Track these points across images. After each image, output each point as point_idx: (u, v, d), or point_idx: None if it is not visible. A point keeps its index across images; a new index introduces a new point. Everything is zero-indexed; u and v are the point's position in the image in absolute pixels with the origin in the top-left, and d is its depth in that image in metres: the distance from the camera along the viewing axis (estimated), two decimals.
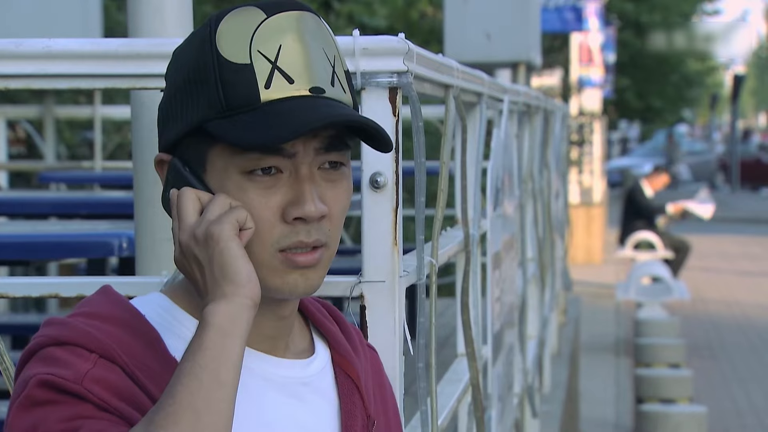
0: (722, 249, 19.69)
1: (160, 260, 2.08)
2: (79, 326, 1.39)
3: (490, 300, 3.47)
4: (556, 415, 5.90)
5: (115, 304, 1.44)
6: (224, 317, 1.33)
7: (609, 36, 23.08)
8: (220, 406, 1.29)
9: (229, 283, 1.34)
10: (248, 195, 1.39)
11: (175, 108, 1.42)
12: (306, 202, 1.39)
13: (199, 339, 1.32)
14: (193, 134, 1.41)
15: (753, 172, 37.92)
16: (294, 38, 1.40)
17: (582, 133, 17.11)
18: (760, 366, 10.98)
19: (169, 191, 1.42)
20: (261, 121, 1.37)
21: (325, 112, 1.38)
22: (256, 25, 1.40)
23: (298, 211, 1.39)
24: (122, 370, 1.37)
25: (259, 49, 1.39)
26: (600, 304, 13.16)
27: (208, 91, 1.39)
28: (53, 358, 1.38)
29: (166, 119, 1.44)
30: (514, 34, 7.54)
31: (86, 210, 4.28)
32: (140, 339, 1.40)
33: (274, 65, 1.39)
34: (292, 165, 1.40)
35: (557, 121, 7.23)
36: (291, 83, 1.39)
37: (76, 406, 1.34)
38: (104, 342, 1.38)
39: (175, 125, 1.42)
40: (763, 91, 68.20)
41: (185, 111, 1.41)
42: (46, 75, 1.99)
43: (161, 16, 2.12)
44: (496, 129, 3.70)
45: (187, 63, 1.42)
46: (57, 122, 7.18)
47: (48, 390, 1.35)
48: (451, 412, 2.76)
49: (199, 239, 1.37)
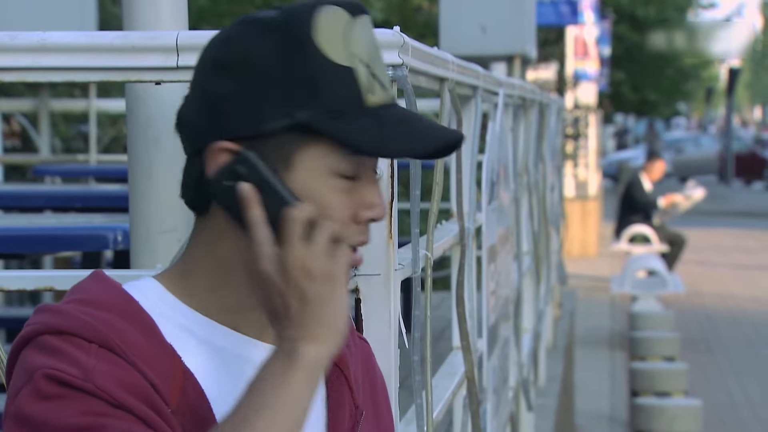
0: (717, 242, 19.71)
1: (154, 253, 2.08)
2: (75, 314, 1.38)
3: (486, 293, 3.47)
4: (551, 408, 5.91)
5: (108, 289, 1.42)
6: (314, 362, 1.34)
7: (604, 29, 23.09)
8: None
9: (329, 329, 1.34)
10: (334, 195, 1.38)
11: (253, 101, 1.38)
12: (379, 205, 1.41)
13: (285, 375, 1.32)
14: (284, 130, 1.37)
15: (748, 165, 37.95)
16: (375, 43, 1.42)
17: (577, 127, 17.11)
18: (755, 359, 11.00)
19: (238, 185, 1.37)
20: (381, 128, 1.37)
21: (444, 134, 1.41)
22: (348, 27, 1.39)
23: (372, 213, 1.41)
24: (122, 359, 1.36)
25: (354, 52, 1.39)
26: (595, 298, 13.18)
27: (311, 89, 1.37)
28: (52, 348, 1.36)
29: (232, 110, 1.38)
30: (510, 28, 7.54)
31: (81, 203, 4.28)
32: (135, 325, 1.39)
33: (370, 70, 1.39)
34: (370, 168, 1.42)
35: (552, 115, 7.23)
36: (383, 89, 1.40)
37: (88, 401, 1.33)
38: (101, 331, 1.37)
39: (252, 118, 1.37)
40: (758, 85, 68.25)
41: (275, 106, 1.37)
42: (41, 68, 1.99)
43: (156, 8, 2.11)
44: (491, 122, 3.70)
45: (268, 55, 1.38)
46: (52, 115, 7.17)
47: (56, 384, 1.34)
48: (446, 405, 2.77)
49: (313, 276, 1.34)
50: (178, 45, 1.95)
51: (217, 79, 1.40)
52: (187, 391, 1.39)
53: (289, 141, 1.38)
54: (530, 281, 5.61)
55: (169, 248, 2.07)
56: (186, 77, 1.99)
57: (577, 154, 17.35)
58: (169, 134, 2.12)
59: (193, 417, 1.38)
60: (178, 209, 2.11)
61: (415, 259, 2.32)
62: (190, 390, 1.39)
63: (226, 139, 1.38)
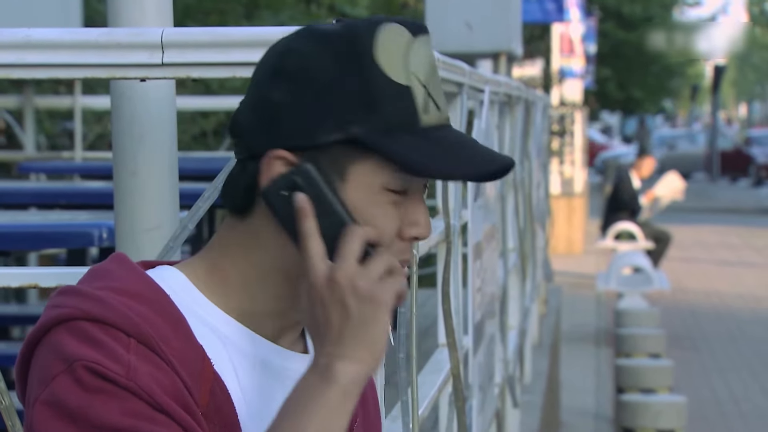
0: (701, 239, 19.76)
1: (140, 251, 2.08)
2: (115, 305, 1.35)
3: (471, 290, 3.47)
4: (537, 404, 5.92)
5: (138, 278, 1.40)
6: (353, 381, 1.34)
7: (590, 27, 23.13)
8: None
9: (368, 351, 1.34)
10: (383, 210, 1.39)
11: (308, 112, 1.39)
12: (425, 224, 1.42)
13: (323, 394, 1.33)
14: (339, 143, 1.38)
15: (733, 162, 38.06)
16: (434, 65, 1.43)
17: (563, 124, 17.14)
18: (739, 356, 11.03)
19: (295, 195, 1.38)
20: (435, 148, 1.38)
21: (494, 158, 1.41)
22: (408, 46, 1.40)
23: (417, 231, 1.41)
24: (159, 358, 1.34)
25: (412, 71, 1.40)
26: (581, 295, 13.20)
27: (368, 104, 1.37)
28: (91, 338, 1.33)
29: (287, 119, 1.39)
30: (495, 25, 7.54)
31: (66, 200, 4.26)
32: (167, 320, 1.37)
33: (427, 90, 1.40)
34: (420, 186, 1.42)
35: (538, 112, 7.24)
36: (438, 110, 1.41)
37: (130, 400, 1.31)
38: (141, 326, 1.35)
39: (307, 129, 1.38)
40: (743, 82, 68.44)
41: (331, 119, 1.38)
42: (25, 65, 1.98)
43: (141, 5, 2.11)
44: (477, 119, 3.70)
45: (327, 68, 1.38)
46: (37, 112, 7.14)
47: (97, 377, 1.32)
48: (431, 401, 2.77)
49: (360, 294, 1.35)
50: (163, 42, 1.95)
51: (275, 87, 1.40)
52: (216, 393, 1.38)
53: (342, 155, 1.39)
54: (516, 278, 5.61)
55: (154, 245, 2.07)
56: (171, 74, 1.99)
57: (563, 151, 17.38)
58: (154, 131, 2.11)
59: (220, 420, 1.37)
60: (163, 207, 2.11)
61: None
62: (219, 392, 1.38)
63: (280, 148, 1.39)
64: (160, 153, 2.10)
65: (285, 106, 1.40)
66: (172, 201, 2.12)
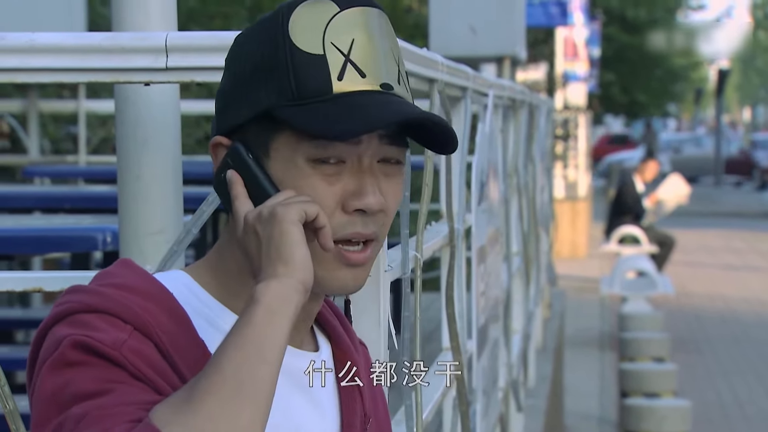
0: (706, 243, 19.75)
1: (144, 254, 2.08)
2: (113, 296, 1.37)
3: (475, 294, 3.47)
4: (541, 409, 5.92)
5: (141, 277, 1.42)
6: (274, 297, 1.32)
7: (594, 30, 23.12)
8: (263, 383, 1.29)
9: (283, 264, 1.34)
10: (312, 182, 1.39)
11: (240, 94, 1.42)
12: (368, 194, 1.40)
13: (248, 315, 1.32)
14: (259, 120, 1.41)
15: (738, 167, 38.01)
16: (366, 34, 1.42)
17: (567, 128, 17.13)
18: (744, 359, 11.02)
19: (227, 173, 1.42)
20: (336, 111, 1.38)
21: (398, 109, 1.40)
22: (330, 17, 1.41)
23: (359, 203, 1.40)
24: (156, 346, 1.35)
25: (332, 41, 1.40)
26: (585, 299, 13.19)
27: (279, 78, 1.40)
28: (87, 323, 1.35)
29: (227, 105, 1.44)
30: (499, 29, 7.54)
31: (70, 204, 4.27)
32: (170, 316, 1.39)
33: (347, 58, 1.40)
34: (356, 156, 1.40)
35: (542, 116, 7.24)
36: (363, 77, 1.40)
37: (111, 370, 1.32)
38: (141, 315, 1.36)
39: (238, 111, 1.42)
40: (747, 86, 68.38)
41: (252, 97, 1.41)
42: (29, 69, 1.98)
43: (145, 9, 2.11)
44: (480, 123, 3.70)
45: (254, 51, 1.42)
46: (41, 116, 7.15)
47: (83, 352, 1.33)
48: (435, 406, 2.77)
49: (263, 217, 1.37)
50: (167, 46, 1.95)
51: (222, 78, 1.46)
52: None
53: (264, 131, 1.41)
54: (520, 282, 5.61)
55: (158, 249, 2.07)
56: (175, 78, 1.99)
57: (566, 155, 17.37)
58: (158, 135, 2.11)
59: None
60: (167, 210, 2.11)
61: (404, 260, 2.32)
62: None
63: (220, 134, 1.44)
64: (164, 157, 2.10)
65: (224, 93, 1.45)
66: (176, 205, 2.12)
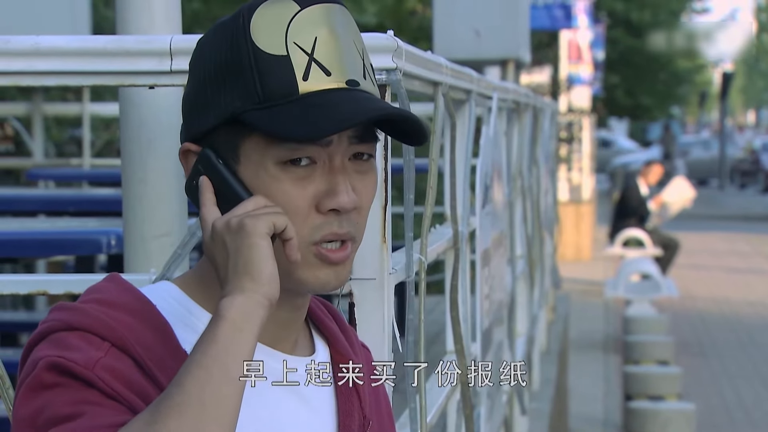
0: (711, 246, 19.72)
1: (148, 257, 2.08)
2: (92, 312, 1.37)
3: (479, 297, 3.47)
4: (545, 412, 5.91)
5: (125, 291, 1.42)
6: (238, 312, 1.31)
7: (598, 33, 23.11)
8: (228, 401, 1.27)
9: (250, 279, 1.32)
10: (283, 185, 1.38)
11: (205, 99, 1.41)
12: (341, 193, 1.39)
13: (212, 332, 1.30)
14: (227, 125, 1.39)
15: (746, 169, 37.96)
16: (328, 31, 1.40)
17: (571, 131, 17.13)
18: (749, 362, 11.01)
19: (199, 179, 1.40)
20: (303, 112, 1.36)
21: (366, 106, 1.38)
22: (291, 17, 1.39)
23: (332, 202, 1.39)
24: (134, 361, 1.35)
25: (295, 41, 1.39)
26: (589, 302, 13.18)
27: (244, 82, 1.38)
28: (64, 342, 1.35)
29: (193, 110, 1.42)
30: (504, 32, 7.54)
31: (74, 207, 4.27)
32: (152, 329, 1.38)
33: (311, 57, 1.38)
34: (327, 155, 1.39)
35: (546, 119, 7.24)
36: (328, 75, 1.39)
37: (84, 391, 1.32)
38: (118, 330, 1.36)
39: (205, 116, 1.40)
40: (751, 89, 68.34)
41: (217, 102, 1.39)
42: (34, 72, 1.98)
43: (149, 12, 2.11)
44: (485, 126, 3.70)
45: (217, 54, 1.40)
46: (45, 119, 7.16)
47: (57, 373, 1.33)
48: (439, 409, 2.76)
49: (231, 227, 1.35)
50: (172, 49, 1.95)
51: (188, 84, 1.44)
52: None
53: (233, 136, 1.40)
54: (524, 285, 5.61)
55: (163, 252, 2.07)
56: (180, 81, 1.99)
57: (570, 157, 17.36)
58: (162, 138, 2.11)
59: None
60: (172, 213, 2.11)
61: (408, 263, 2.32)
62: None
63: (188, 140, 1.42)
64: (168, 160, 2.10)
65: (189, 98, 1.43)
66: (180, 208, 2.12)
